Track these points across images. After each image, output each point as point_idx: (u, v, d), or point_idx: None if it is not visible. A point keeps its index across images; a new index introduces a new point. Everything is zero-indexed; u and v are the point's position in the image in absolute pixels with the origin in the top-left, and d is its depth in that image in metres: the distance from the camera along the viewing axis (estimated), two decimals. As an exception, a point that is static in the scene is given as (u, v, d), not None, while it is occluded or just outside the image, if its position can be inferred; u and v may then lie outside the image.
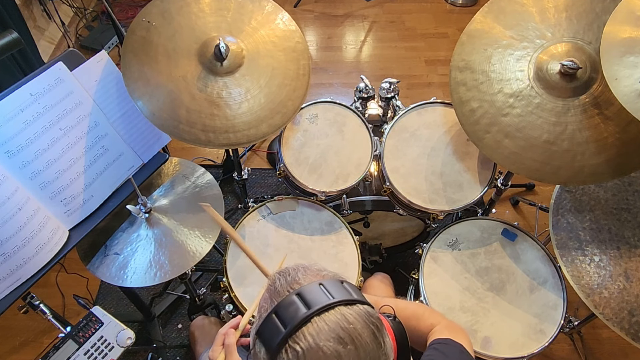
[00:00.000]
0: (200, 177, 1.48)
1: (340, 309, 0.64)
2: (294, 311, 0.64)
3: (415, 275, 1.49)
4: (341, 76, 3.03)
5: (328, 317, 0.63)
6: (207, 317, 1.53)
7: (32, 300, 1.20)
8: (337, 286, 0.68)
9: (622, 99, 1.05)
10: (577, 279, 1.30)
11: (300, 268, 0.73)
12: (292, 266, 0.74)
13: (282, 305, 0.66)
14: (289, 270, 0.73)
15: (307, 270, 0.72)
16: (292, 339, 0.62)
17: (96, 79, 1.26)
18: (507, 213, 2.37)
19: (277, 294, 0.69)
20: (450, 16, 3.45)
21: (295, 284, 0.69)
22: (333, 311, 0.64)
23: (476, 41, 1.35)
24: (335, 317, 0.63)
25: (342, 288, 0.68)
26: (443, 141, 1.60)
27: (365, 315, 0.65)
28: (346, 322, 0.62)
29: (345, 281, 0.71)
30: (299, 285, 0.68)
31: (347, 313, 0.64)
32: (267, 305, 0.69)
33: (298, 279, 0.70)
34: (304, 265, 0.74)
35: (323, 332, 0.61)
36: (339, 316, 0.63)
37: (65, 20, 3.00)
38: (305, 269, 0.73)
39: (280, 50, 1.45)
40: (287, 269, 0.74)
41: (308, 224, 1.55)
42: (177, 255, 1.30)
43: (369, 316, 0.65)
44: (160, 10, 1.36)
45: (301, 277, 0.70)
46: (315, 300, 0.64)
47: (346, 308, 0.64)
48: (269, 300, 0.69)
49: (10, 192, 1.09)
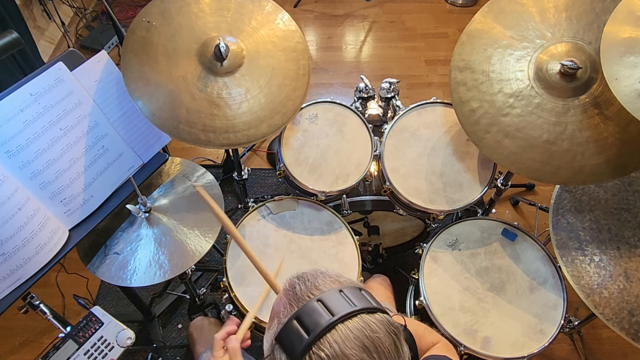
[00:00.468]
0: (200, 177, 1.48)
1: (363, 316, 0.63)
2: (317, 317, 0.63)
3: (415, 275, 1.49)
4: (341, 76, 3.03)
5: (352, 324, 0.62)
6: (206, 318, 1.53)
7: (32, 300, 1.19)
8: (357, 293, 0.67)
9: (622, 99, 1.05)
10: (577, 279, 1.30)
11: (318, 274, 0.72)
12: (310, 271, 0.73)
13: (304, 311, 0.64)
14: (307, 275, 0.72)
15: (326, 276, 0.71)
16: (317, 346, 0.61)
17: (96, 79, 1.26)
18: (507, 213, 2.37)
19: (297, 299, 0.67)
20: (450, 16, 3.45)
21: (315, 289, 0.68)
22: (357, 319, 0.63)
23: (476, 41, 1.35)
24: (360, 324, 0.62)
25: (361, 296, 0.67)
26: (443, 141, 1.60)
27: (387, 323, 0.64)
28: (370, 330, 0.62)
29: (363, 288, 0.70)
30: (319, 292, 0.67)
31: (370, 321, 0.63)
32: (286, 310, 0.67)
33: (318, 285, 0.69)
34: (322, 271, 0.73)
35: (348, 340, 0.61)
36: (362, 324, 0.62)
37: (65, 20, 3.00)
38: (324, 275, 0.71)
39: (280, 50, 1.45)
40: (306, 274, 0.72)
41: (308, 224, 1.55)
42: (176, 255, 1.30)
43: (390, 325, 0.65)
44: (160, 10, 1.36)
45: (321, 283, 0.69)
46: (337, 307, 0.64)
47: (369, 316, 0.64)
48: (288, 306, 0.68)
49: (10, 192, 1.09)
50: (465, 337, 1.35)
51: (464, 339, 1.34)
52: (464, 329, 1.36)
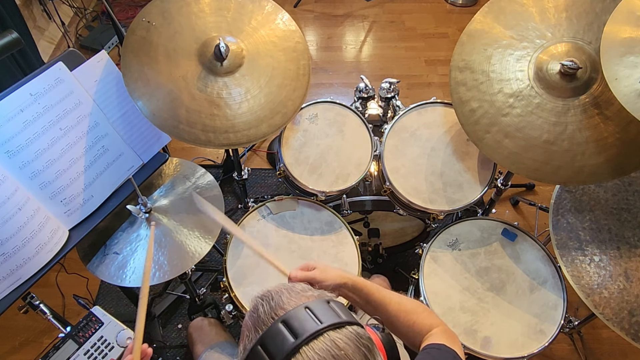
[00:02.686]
0: (200, 177, 1.48)
1: (329, 334, 0.62)
2: (280, 342, 0.61)
3: (415, 275, 1.49)
4: (341, 76, 3.03)
5: (317, 345, 0.61)
6: (205, 318, 1.53)
7: (32, 300, 1.20)
8: (324, 308, 0.66)
9: (622, 99, 1.05)
10: (577, 279, 1.30)
11: (283, 290, 0.70)
12: (275, 288, 0.71)
13: (267, 336, 0.63)
14: (271, 293, 0.70)
15: (292, 292, 0.69)
16: None
17: (96, 79, 1.26)
18: (507, 213, 2.37)
19: (261, 322, 0.65)
20: (450, 16, 3.45)
21: (279, 309, 0.66)
22: (322, 338, 0.61)
23: (476, 41, 1.35)
24: (325, 344, 0.61)
25: (329, 309, 0.66)
26: (443, 141, 1.60)
27: (355, 338, 0.63)
28: (337, 348, 0.60)
29: (331, 300, 0.69)
30: (283, 311, 0.65)
31: (336, 338, 0.62)
32: (251, 335, 0.65)
33: (282, 304, 0.67)
34: (287, 286, 0.71)
35: None
36: (328, 343, 0.61)
37: (65, 20, 3.00)
38: (289, 291, 0.70)
39: (280, 50, 1.45)
40: (270, 292, 0.70)
41: (308, 224, 1.55)
42: (176, 256, 1.30)
43: (359, 338, 0.63)
44: (160, 10, 1.36)
45: (285, 301, 0.67)
46: (302, 327, 0.62)
47: (335, 333, 0.62)
48: (252, 330, 0.66)
49: (10, 192, 1.09)
50: (465, 337, 1.35)
51: (464, 339, 1.34)
52: (464, 329, 1.36)
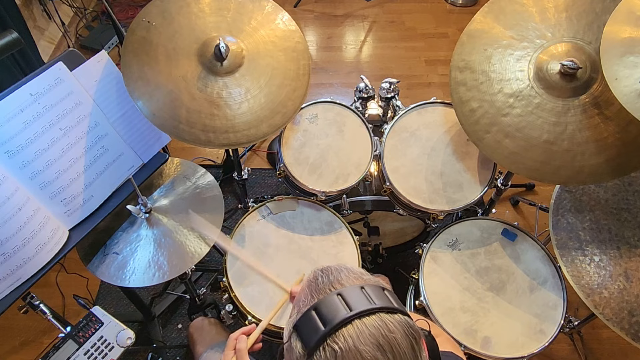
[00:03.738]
0: (200, 177, 1.48)
1: (381, 315, 0.63)
2: (334, 311, 0.63)
3: (415, 275, 1.49)
4: (341, 76, 3.03)
5: (369, 321, 0.62)
6: (205, 318, 1.53)
7: (32, 300, 1.19)
8: (379, 292, 0.67)
9: (622, 99, 1.05)
10: (577, 279, 1.30)
11: (343, 269, 0.72)
12: (335, 266, 0.73)
13: (322, 303, 0.65)
14: (331, 269, 0.72)
15: (350, 272, 0.71)
16: (331, 338, 0.61)
17: (96, 79, 1.26)
18: (507, 213, 2.37)
19: (319, 291, 0.68)
20: (450, 16, 3.45)
21: (337, 283, 0.68)
22: (374, 316, 0.63)
23: (476, 41, 1.35)
24: (377, 322, 0.62)
25: (383, 295, 0.67)
26: (443, 141, 1.60)
27: (405, 325, 0.63)
28: (387, 329, 0.61)
29: (386, 289, 0.70)
30: (341, 286, 0.67)
31: (388, 321, 0.63)
32: (307, 300, 0.68)
33: (340, 279, 0.69)
34: (347, 267, 0.73)
35: (363, 336, 0.60)
36: (379, 322, 0.62)
37: (65, 20, 3.00)
38: (348, 271, 0.71)
39: (280, 50, 1.45)
40: (330, 267, 0.72)
41: (308, 224, 1.55)
42: (175, 256, 1.30)
43: (409, 327, 0.64)
44: (160, 10, 1.36)
45: (344, 278, 0.69)
46: (357, 303, 0.64)
47: (387, 315, 0.63)
48: (309, 296, 0.68)
49: (10, 192, 1.09)
50: (465, 337, 1.35)
51: (464, 339, 1.34)
52: (464, 329, 1.36)
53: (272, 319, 1.11)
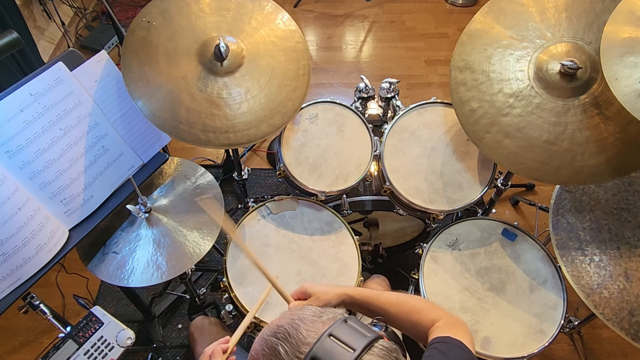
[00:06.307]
0: (200, 177, 1.48)
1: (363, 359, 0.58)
2: None
3: (415, 275, 1.49)
4: (341, 76, 3.03)
5: None
6: (206, 318, 1.53)
7: (32, 300, 1.19)
8: (346, 330, 0.61)
9: (622, 99, 1.05)
10: (577, 279, 1.30)
11: (296, 321, 0.63)
12: (286, 321, 0.64)
13: None
14: (286, 329, 0.62)
15: (306, 322, 0.63)
16: None
17: (96, 79, 1.26)
18: (507, 213, 2.37)
19: None
20: (450, 16, 3.45)
21: (302, 345, 0.60)
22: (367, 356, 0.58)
23: (476, 41, 1.35)
24: None
25: (351, 330, 0.61)
26: (443, 141, 1.60)
27: (386, 354, 0.60)
28: None
29: (347, 318, 0.64)
30: (308, 347, 0.59)
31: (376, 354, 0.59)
32: None
33: (303, 338, 0.61)
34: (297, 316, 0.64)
35: None
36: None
37: (65, 20, 3.00)
38: (303, 321, 0.63)
39: (280, 50, 1.45)
40: (283, 327, 0.63)
41: (308, 224, 1.55)
42: (175, 257, 1.30)
43: (389, 353, 0.60)
44: (160, 10, 1.36)
45: (305, 334, 0.61)
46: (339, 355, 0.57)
47: (368, 356, 0.59)
48: None
49: (10, 192, 1.09)
50: (465, 337, 1.35)
51: (464, 339, 1.34)
52: (464, 328, 1.36)
53: (247, 325, 1.03)
